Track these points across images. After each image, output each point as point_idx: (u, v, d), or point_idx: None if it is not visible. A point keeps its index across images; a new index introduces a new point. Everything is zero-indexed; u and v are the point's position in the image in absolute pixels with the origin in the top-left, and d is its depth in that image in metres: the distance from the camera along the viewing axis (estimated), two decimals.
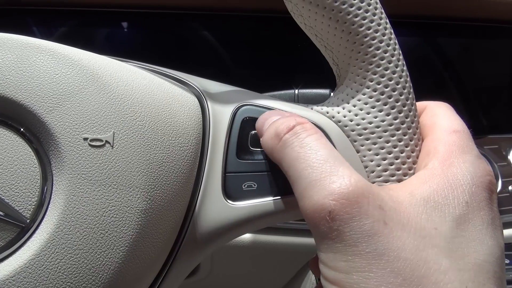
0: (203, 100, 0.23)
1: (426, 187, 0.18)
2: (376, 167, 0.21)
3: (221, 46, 0.56)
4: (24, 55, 0.19)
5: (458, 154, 0.19)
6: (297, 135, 0.19)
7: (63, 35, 0.56)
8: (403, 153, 0.21)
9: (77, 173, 0.18)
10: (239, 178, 0.22)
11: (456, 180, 0.18)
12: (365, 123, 0.22)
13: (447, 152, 0.19)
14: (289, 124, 0.20)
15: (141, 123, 0.20)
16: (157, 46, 0.57)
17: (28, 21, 0.56)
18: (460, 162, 0.18)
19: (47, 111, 0.19)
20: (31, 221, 0.18)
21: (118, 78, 0.20)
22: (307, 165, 0.18)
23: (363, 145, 0.22)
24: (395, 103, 0.21)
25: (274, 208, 0.21)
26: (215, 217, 0.21)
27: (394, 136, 0.21)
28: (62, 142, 0.18)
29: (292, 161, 0.18)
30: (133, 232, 0.18)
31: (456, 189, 0.17)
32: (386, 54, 0.22)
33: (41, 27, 0.56)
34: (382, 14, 0.23)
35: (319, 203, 0.16)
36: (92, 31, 0.57)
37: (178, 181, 0.20)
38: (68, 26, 0.57)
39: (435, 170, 0.18)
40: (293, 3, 0.24)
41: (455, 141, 0.19)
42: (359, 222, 0.16)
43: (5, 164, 0.18)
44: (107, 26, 0.57)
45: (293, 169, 0.18)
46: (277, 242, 0.47)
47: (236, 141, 0.22)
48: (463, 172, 0.18)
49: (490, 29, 0.61)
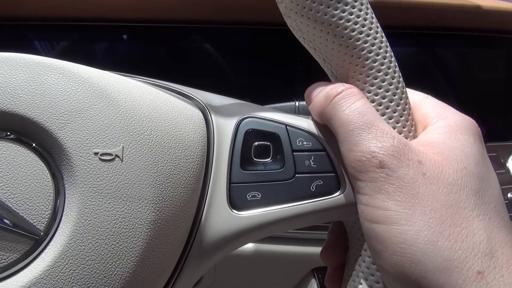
0: (207, 113, 0.24)
1: (447, 139, 0.21)
2: None
3: (221, 58, 0.57)
4: (36, 74, 0.20)
5: (448, 110, 0.23)
6: (345, 98, 0.21)
7: (64, 49, 0.57)
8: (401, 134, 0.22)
9: (89, 186, 0.19)
10: (244, 188, 0.22)
11: (462, 127, 0.21)
12: None
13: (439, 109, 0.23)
14: (338, 89, 0.22)
15: (148, 137, 0.20)
16: (157, 59, 0.58)
17: (29, 35, 0.57)
18: (455, 115, 0.22)
19: (59, 127, 0.19)
20: (45, 234, 0.19)
21: (125, 94, 0.21)
22: (356, 126, 0.20)
23: None
24: (389, 102, 0.22)
25: (278, 217, 0.22)
26: (221, 227, 0.22)
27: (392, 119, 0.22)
28: (73, 157, 0.19)
29: (342, 122, 0.21)
30: (142, 243, 0.19)
31: (466, 132, 0.21)
32: (383, 67, 0.23)
33: (43, 41, 0.58)
34: (378, 29, 0.24)
35: (371, 154, 0.19)
36: (93, 44, 0.58)
37: (185, 193, 0.21)
38: (68, 40, 0.58)
39: (448, 127, 0.21)
40: (292, 19, 0.25)
41: (439, 103, 0.24)
42: (403, 171, 0.19)
43: (19, 178, 0.19)
44: (107, 40, 0.58)
45: (343, 129, 0.21)
46: (280, 251, 0.48)
47: (240, 152, 0.23)
48: (461, 120, 0.22)
49: (485, 38, 0.62)
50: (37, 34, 0.57)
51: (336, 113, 0.21)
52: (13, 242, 0.18)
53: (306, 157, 0.23)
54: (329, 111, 0.22)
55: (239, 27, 0.56)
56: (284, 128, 0.23)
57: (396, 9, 0.54)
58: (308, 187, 0.22)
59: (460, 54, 0.64)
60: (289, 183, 0.22)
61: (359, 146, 0.20)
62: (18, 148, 0.19)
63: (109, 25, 0.56)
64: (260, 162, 0.23)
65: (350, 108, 0.21)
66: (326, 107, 0.22)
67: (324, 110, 0.22)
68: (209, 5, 0.51)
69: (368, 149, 0.19)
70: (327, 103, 0.22)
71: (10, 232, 0.18)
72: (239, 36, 0.57)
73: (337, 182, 0.22)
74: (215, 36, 0.57)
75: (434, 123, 0.22)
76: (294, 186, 0.22)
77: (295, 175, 0.22)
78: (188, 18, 0.56)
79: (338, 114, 0.21)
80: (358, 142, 0.20)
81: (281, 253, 0.48)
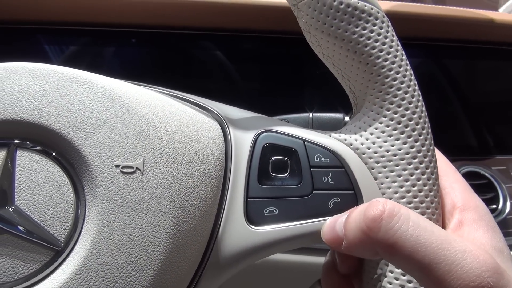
0: (225, 126, 0.24)
1: None
2: (394, 194, 0.22)
3: (232, 65, 0.57)
4: (59, 85, 0.20)
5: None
6: (398, 217, 0.19)
7: (73, 53, 0.58)
8: (419, 181, 0.22)
9: (110, 198, 0.19)
10: (261, 203, 0.22)
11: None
12: (382, 151, 0.22)
13: None
14: (377, 209, 0.19)
15: (168, 151, 0.21)
16: (165, 65, 0.58)
17: (38, 39, 0.57)
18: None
19: (82, 138, 0.20)
20: (65, 245, 0.19)
21: (146, 106, 0.21)
22: (436, 248, 0.18)
23: (381, 173, 0.22)
24: (412, 132, 0.22)
25: (295, 233, 0.22)
26: (238, 242, 0.22)
27: (411, 165, 0.22)
28: (95, 169, 0.19)
29: (414, 246, 0.18)
30: (161, 256, 0.19)
31: None
32: (403, 85, 0.23)
33: (52, 45, 0.58)
34: (398, 46, 0.24)
35: (477, 281, 0.17)
36: (101, 49, 0.59)
37: (203, 206, 0.21)
38: (77, 45, 0.58)
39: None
40: (312, 34, 0.25)
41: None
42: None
43: (41, 189, 0.19)
44: (116, 45, 0.58)
45: (421, 255, 0.18)
46: (287, 261, 0.48)
47: (257, 166, 0.23)
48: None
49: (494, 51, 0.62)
50: (46, 38, 0.57)
51: (396, 236, 0.18)
52: (34, 253, 0.18)
53: (323, 173, 0.23)
54: (385, 238, 0.18)
55: (252, 35, 0.56)
56: (302, 144, 0.23)
57: (410, 21, 0.54)
58: (326, 204, 0.22)
59: (468, 65, 0.64)
60: (307, 200, 0.22)
61: (455, 274, 0.17)
62: (41, 159, 0.19)
63: (118, 30, 0.56)
64: (277, 177, 0.23)
65: (413, 227, 0.18)
66: (376, 235, 0.19)
67: (375, 239, 0.19)
68: (224, 14, 0.52)
69: (469, 276, 0.17)
70: (377, 229, 0.18)
71: (31, 243, 0.18)
72: (250, 43, 0.57)
73: (354, 200, 0.22)
74: (226, 43, 0.57)
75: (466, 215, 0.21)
76: (311, 203, 0.22)
77: (313, 191, 0.22)
78: (200, 25, 0.56)
79: (401, 238, 0.18)
80: (451, 270, 0.17)
81: (288, 262, 0.47)
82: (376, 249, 0.19)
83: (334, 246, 0.21)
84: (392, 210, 0.19)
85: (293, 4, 0.25)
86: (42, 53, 0.57)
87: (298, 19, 0.25)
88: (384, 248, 0.19)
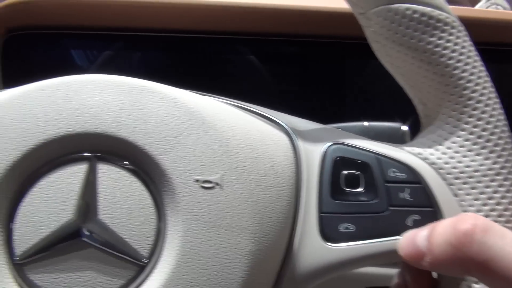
0: (293, 139, 0.24)
1: None
2: (477, 213, 0.21)
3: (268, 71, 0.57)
4: (137, 98, 0.20)
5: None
6: (493, 233, 0.18)
7: (102, 59, 0.58)
8: (504, 199, 0.21)
9: (191, 214, 0.19)
10: (335, 219, 0.22)
11: None
12: (462, 167, 0.22)
13: None
14: (469, 222, 0.18)
15: (245, 164, 0.20)
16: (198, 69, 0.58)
17: (66, 44, 0.57)
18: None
19: (161, 153, 0.19)
20: (149, 260, 0.19)
21: (220, 119, 0.21)
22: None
23: (461, 190, 0.21)
24: (494, 147, 0.21)
25: (374, 251, 0.21)
26: (313, 258, 0.21)
27: (494, 181, 0.21)
28: (175, 184, 0.19)
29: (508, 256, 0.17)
30: (242, 274, 0.19)
31: None
32: (483, 98, 0.22)
33: (79, 51, 0.58)
34: (477, 57, 0.23)
35: None
36: (130, 54, 0.59)
37: (279, 221, 0.21)
38: (107, 50, 0.58)
39: None
40: (381, 44, 0.24)
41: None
42: None
43: (123, 203, 0.19)
44: (146, 50, 0.58)
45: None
46: None
47: (329, 181, 0.22)
48: None
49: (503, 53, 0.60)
50: (74, 44, 0.57)
51: (496, 255, 0.17)
52: (119, 267, 0.18)
53: (399, 189, 0.22)
54: (479, 253, 0.17)
55: (292, 39, 0.55)
56: (374, 157, 0.23)
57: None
58: (403, 221, 0.22)
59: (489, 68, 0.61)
60: (383, 216, 0.22)
61: None
62: (120, 172, 0.19)
63: (147, 35, 0.56)
64: (351, 192, 0.22)
65: (501, 236, 0.17)
66: (469, 250, 0.17)
67: (469, 253, 0.17)
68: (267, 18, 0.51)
69: None
70: (468, 244, 0.17)
71: (116, 257, 0.18)
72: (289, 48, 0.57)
73: (434, 218, 0.22)
74: (266, 47, 0.57)
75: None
76: (388, 220, 0.22)
77: (388, 207, 0.22)
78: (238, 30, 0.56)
79: (501, 255, 0.17)
80: None
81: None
82: (468, 266, 0.18)
83: (414, 261, 0.20)
84: (486, 225, 0.18)
85: (360, 13, 0.24)
86: (68, 59, 0.57)
87: (365, 28, 0.25)
88: (478, 265, 0.17)
